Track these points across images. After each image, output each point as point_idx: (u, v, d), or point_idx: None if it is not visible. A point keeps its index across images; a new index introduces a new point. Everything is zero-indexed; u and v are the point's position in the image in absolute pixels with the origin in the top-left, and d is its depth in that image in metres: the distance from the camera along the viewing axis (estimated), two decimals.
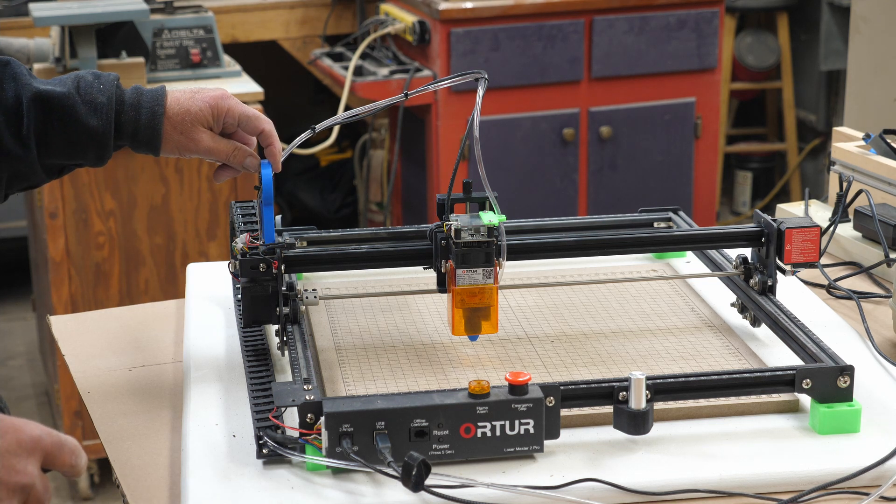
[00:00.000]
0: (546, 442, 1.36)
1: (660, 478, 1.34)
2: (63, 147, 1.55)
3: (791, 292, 1.79)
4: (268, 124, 1.62)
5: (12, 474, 1.15)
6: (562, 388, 1.37)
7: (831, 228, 2.01)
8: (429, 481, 1.25)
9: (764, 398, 1.46)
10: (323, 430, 1.32)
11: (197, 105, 1.59)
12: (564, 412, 1.39)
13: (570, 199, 4.05)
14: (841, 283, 1.89)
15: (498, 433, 1.34)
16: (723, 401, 1.45)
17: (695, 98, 4.09)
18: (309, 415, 1.33)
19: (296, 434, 1.34)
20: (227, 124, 1.61)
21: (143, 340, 1.75)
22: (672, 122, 4.09)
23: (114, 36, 3.44)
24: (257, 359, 1.56)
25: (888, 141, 2.09)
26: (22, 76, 1.54)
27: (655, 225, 1.86)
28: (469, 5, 3.81)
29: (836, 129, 2.22)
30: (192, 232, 3.52)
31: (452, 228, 1.51)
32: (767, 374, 1.44)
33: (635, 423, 1.37)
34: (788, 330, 1.56)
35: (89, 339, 1.76)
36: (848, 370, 1.42)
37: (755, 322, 1.65)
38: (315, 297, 1.60)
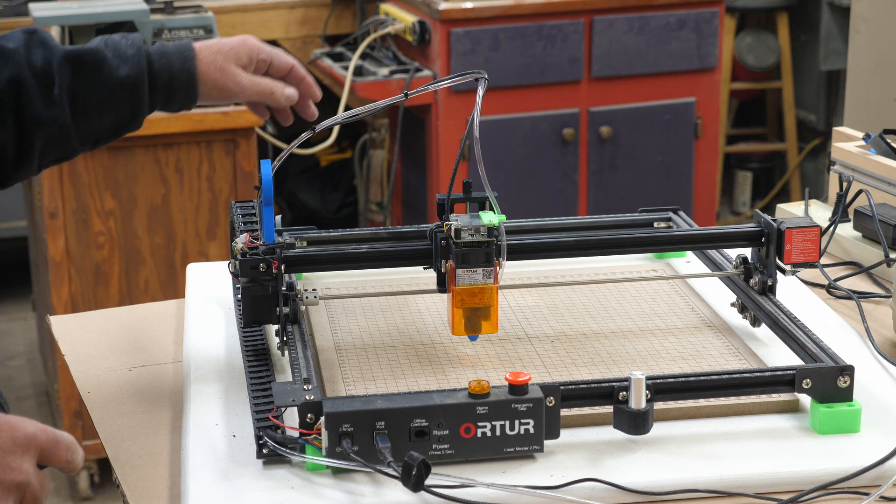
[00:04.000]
0: (546, 442, 1.36)
1: (660, 478, 1.34)
2: (97, 103, 1.54)
3: (791, 292, 1.79)
4: (294, 61, 1.65)
5: (8, 472, 1.15)
6: (562, 388, 1.37)
7: (831, 228, 2.01)
8: (429, 481, 1.25)
9: (764, 398, 1.46)
10: (323, 430, 1.32)
11: (228, 45, 1.60)
12: (564, 412, 1.39)
13: (570, 199, 4.05)
14: (841, 283, 1.89)
15: (498, 433, 1.34)
16: (723, 401, 1.45)
17: (695, 98, 4.09)
18: (309, 415, 1.33)
19: (296, 434, 1.34)
20: (261, 62, 1.62)
21: (143, 340, 1.75)
22: (672, 122, 4.09)
23: None
24: (257, 359, 1.56)
25: (888, 141, 2.09)
26: (49, 41, 1.54)
27: (655, 225, 1.86)
28: (469, 5, 3.80)
29: (836, 129, 2.22)
30: (192, 232, 3.52)
31: (452, 228, 1.51)
32: (767, 374, 1.44)
33: (635, 423, 1.37)
34: (788, 330, 1.56)
35: (89, 339, 1.76)
36: (848, 370, 1.42)
37: (755, 322, 1.65)
38: (315, 297, 1.60)
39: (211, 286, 1.84)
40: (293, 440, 1.34)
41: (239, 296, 1.59)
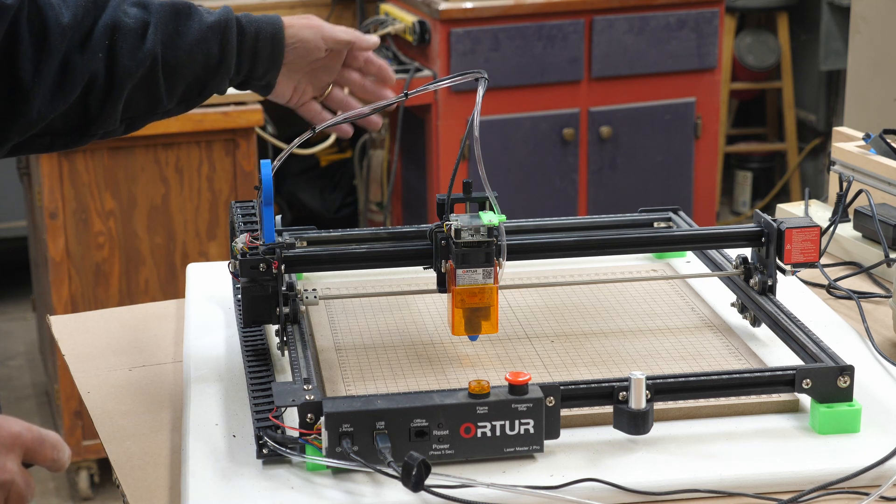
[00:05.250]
0: (546, 442, 1.36)
1: (660, 478, 1.34)
2: (188, 47, 1.58)
3: (791, 292, 1.79)
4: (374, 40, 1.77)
5: None
6: (562, 388, 1.37)
7: (831, 228, 2.01)
8: (429, 481, 1.25)
9: (764, 398, 1.46)
10: (323, 430, 1.32)
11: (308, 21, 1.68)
12: (564, 412, 1.39)
13: (570, 199, 4.05)
14: (841, 283, 1.89)
15: (498, 433, 1.34)
16: (723, 401, 1.45)
17: (695, 98, 4.09)
18: (309, 415, 1.33)
19: (296, 434, 1.34)
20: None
21: (143, 340, 1.75)
22: (672, 122, 4.09)
23: None
24: (257, 359, 1.56)
25: (888, 141, 2.09)
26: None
27: (655, 225, 1.86)
28: (469, 5, 3.80)
29: (836, 129, 2.22)
30: (192, 232, 3.52)
31: (452, 228, 1.51)
32: (767, 374, 1.44)
33: (635, 423, 1.37)
34: (788, 330, 1.56)
35: (89, 339, 1.76)
36: (848, 370, 1.42)
37: (755, 322, 1.65)
38: (315, 297, 1.60)
39: (211, 286, 1.84)
40: (293, 440, 1.34)
41: (239, 296, 1.59)
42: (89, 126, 1.58)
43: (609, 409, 1.40)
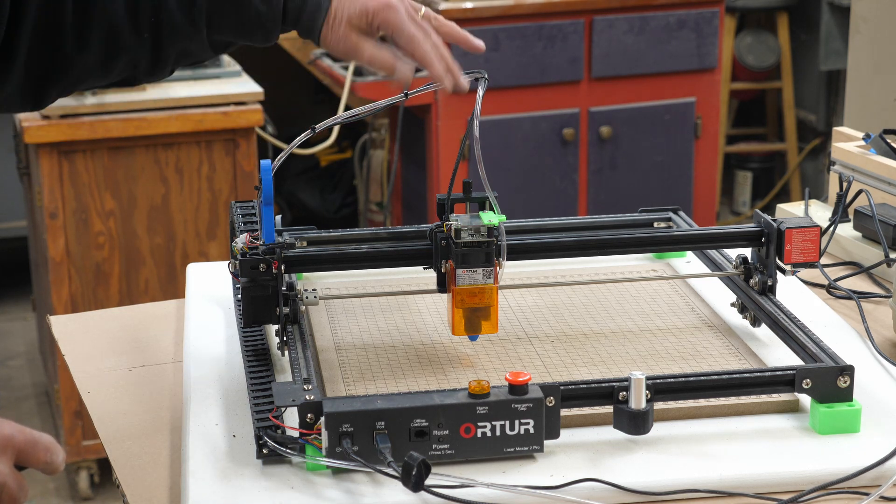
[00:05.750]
0: (546, 442, 1.36)
1: (660, 478, 1.34)
2: (231, 28, 1.54)
3: (791, 292, 1.79)
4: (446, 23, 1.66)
5: None
6: (562, 388, 1.37)
7: (831, 228, 2.01)
8: (429, 481, 1.25)
9: (764, 398, 1.46)
10: (323, 430, 1.32)
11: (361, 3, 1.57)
12: (564, 412, 1.39)
13: (570, 199, 4.05)
14: (841, 283, 1.89)
15: (498, 433, 1.34)
16: (723, 401, 1.45)
17: (695, 98, 4.09)
18: (309, 415, 1.33)
19: (296, 434, 1.34)
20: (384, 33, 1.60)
21: (143, 340, 1.75)
22: (672, 122, 4.09)
23: None
24: (257, 359, 1.56)
25: (888, 141, 2.09)
26: None
27: (655, 225, 1.86)
28: (469, 5, 3.80)
29: (836, 129, 2.22)
30: (192, 232, 3.52)
31: (452, 228, 1.51)
32: (767, 374, 1.44)
33: (635, 423, 1.37)
34: (788, 330, 1.56)
35: (89, 339, 1.76)
36: (848, 370, 1.42)
37: (755, 322, 1.65)
38: (315, 297, 1.60)
39: (211, 286, 1.84)
40: (293, 440, 1.34)
41: (239, 296, 1.59)
42: (135, 83, 1.58)
43: (609, 409, 1.40)
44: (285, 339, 1.53)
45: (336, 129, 4.07)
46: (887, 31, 3.36)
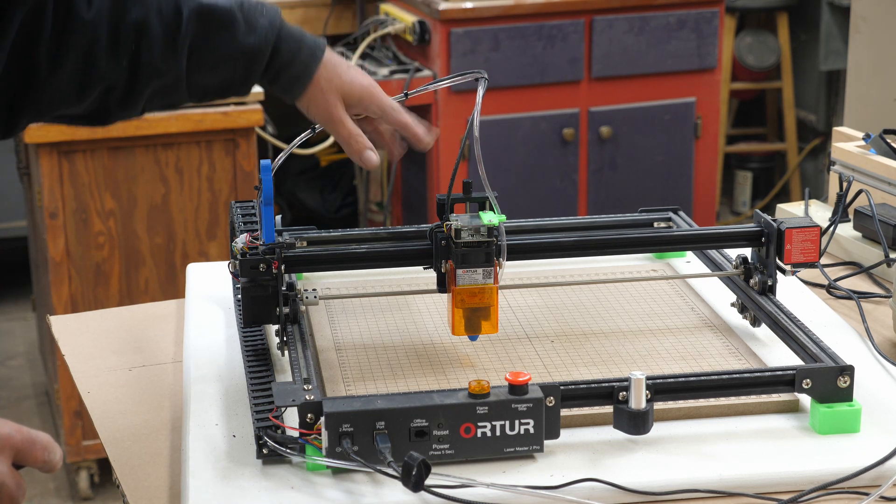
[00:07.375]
0: (546, 442, 1.36)
1: (660, 478, 1.34)
2: (213, 62, 1.52)
3: (791, 292, 1.79)
4: (408, 118, 1.60)
5: None
6: (562, 388, 1.37)
7: (831, 228, 2.01)
8: (429, 481, 1.25)
9: (764, 398, 1.46)
10: (323, 430, 1.32)
11: (349, 77, 1.56)
12: (564, 412, 1.39)
13: (570, 199, 4.05)
14: (841, 283, 1.89)
15: (498, 433, 1.34)
16: (723, 401, 1.45)
17: (695, 98, 4.09)
18: (309, 415, 1.33)
19: (296, 434, 1.34)
20: (371, 114, 1.59)
21: (143, 340, 1.75)
22: (672, 122, 4.09)
23: None
24: (257, 359, 1.56)
25: (888, 141, 2.09)
26: None
27: (655, 225, 1.86)
28: (469, 5, 3.80)
29: (836, 129, 2.22)
30: (192, 232, 3.52)
31: (452, 228, 1.51)
32: (767, 374, 1.44)
33: (635, 423, 1.37)
34: (788, 330, 1.56)
35: (89, 339, 1.76)
36: (848, 370, 1.42)
37: (755, 322, 1.65)
38: (315, 297, 1.60)
39: (211, 286, 1.84)
40: (293, 440, 1.34)
41: (239, 296, 1.60)
42: (107, 118, 1.55)
43: (609, 409, 1.40)
44: (285, 339, 1.53)
45: None
46: (887, 31, 3.36)
